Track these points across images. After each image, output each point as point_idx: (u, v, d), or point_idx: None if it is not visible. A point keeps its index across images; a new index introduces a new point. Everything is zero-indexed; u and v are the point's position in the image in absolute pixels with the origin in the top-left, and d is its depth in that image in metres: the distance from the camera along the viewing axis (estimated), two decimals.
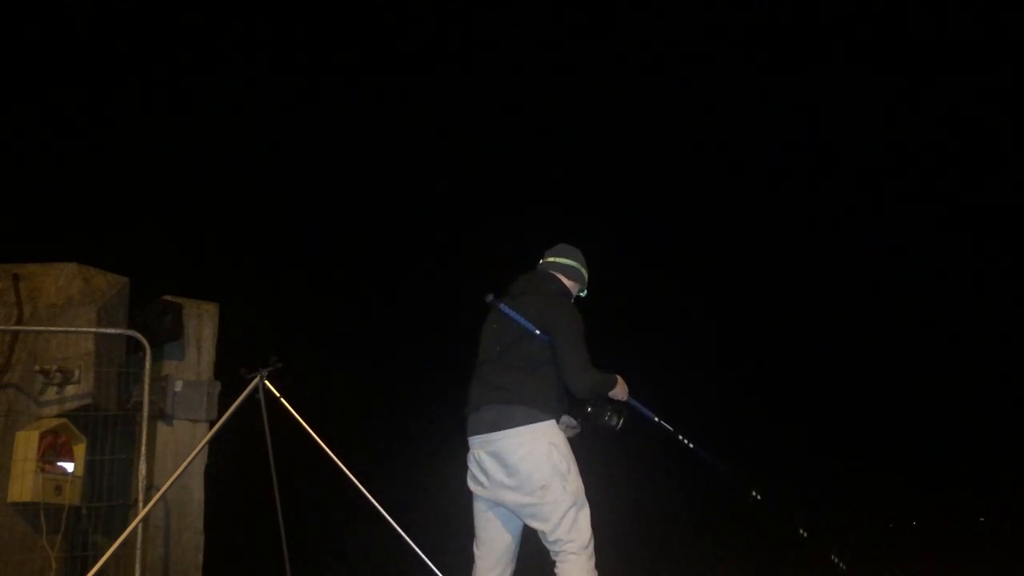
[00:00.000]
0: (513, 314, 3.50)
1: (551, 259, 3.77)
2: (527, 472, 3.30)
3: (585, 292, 3.83)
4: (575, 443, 3.51)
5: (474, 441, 3.48)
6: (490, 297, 3.62)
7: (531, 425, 3.33)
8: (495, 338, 3.57)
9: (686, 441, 3.71)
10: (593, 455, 3.53)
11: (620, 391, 3.55)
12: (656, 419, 3.65)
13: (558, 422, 3.43)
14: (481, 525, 3.52)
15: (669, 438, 3.71)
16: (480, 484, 3.48)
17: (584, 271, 3.79)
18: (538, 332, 3.44)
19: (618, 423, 3.47)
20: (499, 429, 3.36)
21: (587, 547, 3.32)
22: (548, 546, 3.37)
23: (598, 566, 3.36)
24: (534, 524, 3.38)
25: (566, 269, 3.73)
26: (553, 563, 3.38)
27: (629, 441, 3.55)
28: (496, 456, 3.37)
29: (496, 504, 3.47)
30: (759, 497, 3.76)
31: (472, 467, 3.50)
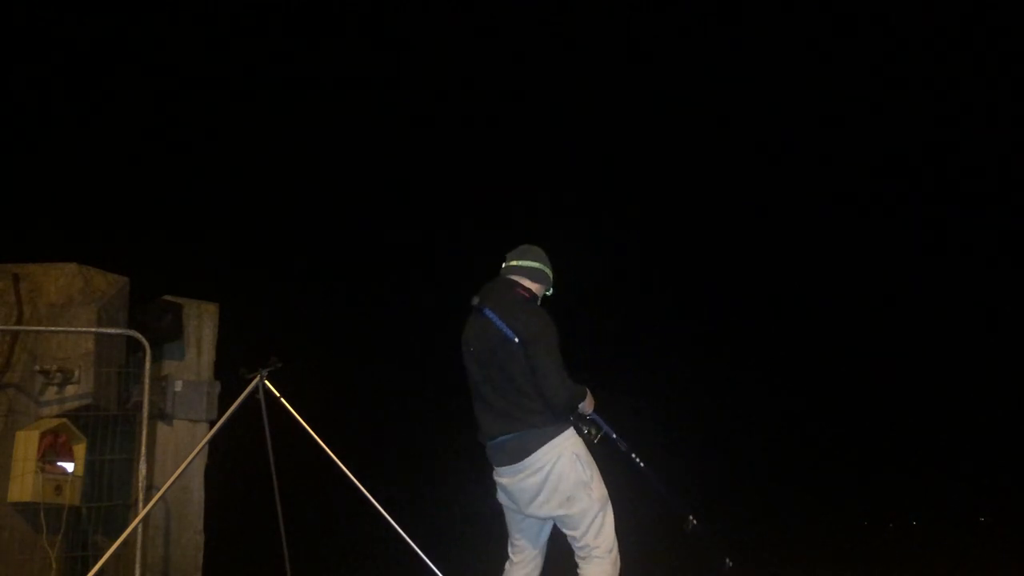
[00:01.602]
0: (496, 319, 3.41)
1: (513, 263, 3.65)
2: (552, 487, 3.34)
3: (551, 291, 3.72)
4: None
5: (498, 472, 3.49)
6: (476, 300, 3.53)
7: (548, 444, 3.33)
8: (478, 343, 3.48)
9: (638, 460, 3.69)
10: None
11: (588, 405, 3.52)
12: (614, 436, 3.62)
13: (574, 428, 3.41)
14: (516, 533, 3.59)
15: (625, 455, 3.69)
16: (507, 502, 3.54)
17: (548, 271, 3.67)
18: (516, 340, 3.36)
19: (595, 437, 3.45)
20: (518, 460, 3.36)
21: (612, 551, 3.37)
22: (575, 548, 3.43)
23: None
24: (564, 530, 3.45)
25: (530, 272, 3.62)
26: (571, 561, 3.44)
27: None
28: (521, 484, 3.39)
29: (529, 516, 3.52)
30: (695, 522, 3.74)
31: (499, 488, 3.54)
